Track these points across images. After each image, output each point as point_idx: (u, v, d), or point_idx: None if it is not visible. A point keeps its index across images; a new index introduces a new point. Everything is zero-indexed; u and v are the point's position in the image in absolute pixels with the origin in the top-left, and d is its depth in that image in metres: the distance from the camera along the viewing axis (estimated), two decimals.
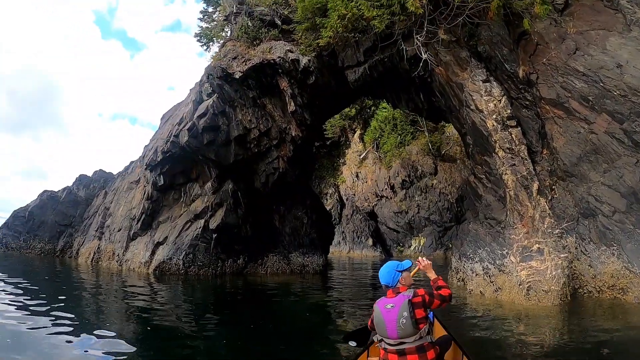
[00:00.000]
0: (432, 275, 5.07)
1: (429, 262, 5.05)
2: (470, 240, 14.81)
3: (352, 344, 5.52)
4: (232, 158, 21.47)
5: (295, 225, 22.41)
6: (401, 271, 4.80)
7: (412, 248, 39.35)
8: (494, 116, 15.58)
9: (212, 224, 19.95)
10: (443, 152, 40.47)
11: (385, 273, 4.81)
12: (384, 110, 43.75)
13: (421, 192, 39.73)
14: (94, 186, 30.09)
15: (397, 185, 41.11)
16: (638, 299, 10.80)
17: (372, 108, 45.40)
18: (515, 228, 13.46)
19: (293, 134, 22.00)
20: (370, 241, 40.76)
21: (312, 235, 22.56)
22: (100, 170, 31.81)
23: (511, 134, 15.08)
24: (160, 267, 19.66)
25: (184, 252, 19.53)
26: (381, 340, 4.56)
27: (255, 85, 22.19)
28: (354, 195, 44.84)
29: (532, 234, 12.85)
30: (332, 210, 45.26)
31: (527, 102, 16.37)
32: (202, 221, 20.22)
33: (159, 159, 21.97)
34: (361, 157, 44.72)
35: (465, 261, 14.51)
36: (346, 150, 47.67)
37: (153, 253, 20.71)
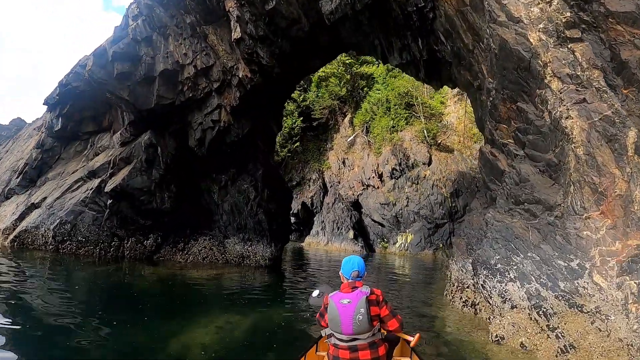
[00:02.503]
0: None
1: None
2: (497, 238, 7.51)
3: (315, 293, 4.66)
4: (155, 101, 14.26)
5: (237, 201, 15.12)
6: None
7: (397, 245, 32.14)
8: (541, 25, 8.39)
9: (109, 186, 12.66)
10: (439, 141, 33.17)
11: (361, 262, 4.26)
12: (377, 92, 36.64)
13: (412, 183, 32.54)
14: (1, 135, 22.75)
15: (385, 174, 33.92)
16: None
17: (365, 89, 38.19)
18: (587, 218, 6.22)
19: (240, 75, 14.73)
20: (350, 233, 33.46)
21: (258, 216, 15.26)
22: (17, 118, 24.62)
23: (574, 52, 7.83)
24: (20, 237, 12.52)
25: (58, 220, 12.30)
26: (331, 335, 4.13)
27: (196, 8, 14.94)
28: (339, 182, 37.53)
29: (627, 230, 5.58)
30: (313, 198, 38.22)
31: (585, 25, 9.15)
32: (97, 181, 13.00)
33: (57, 95, 14.70)
34: (348, 140, 37.41)
35: (486, 275, 7.15)
36: (334, 135, 40.36)
37: (22, 218, 13.49)
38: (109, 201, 12.77)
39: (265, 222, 15.63)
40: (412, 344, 4.40)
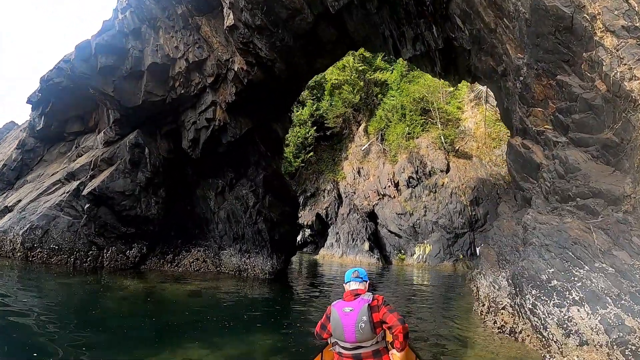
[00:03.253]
0: None
1: None
2: (548, 244, 5.60)
3: None
4: (142, 97, 12.80)
5: (234, 208, 13.43)
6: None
7: (415, 256, 29.95)
8: None
9: (87, 189, 11.13)
10: (457, 148, 31.07)
11: (362, 269, 4.33)
12: (391, 98, 34.88)
13: (429, 192, 30.47)
14: None
15: (402, 183, 31.93)
16: None
17: (379, 96, 36.48)
18: None
19: (236, 69, 13.14)
20: (366, 245, 31.42)
21: (258, 225, 13.52)
22: (10, 122, 23.69)
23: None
24: None
25: (28, 225, 10.79)
26: (335, 344, 4.01)
27: None
28: (354, 193, 35.62)
29: None
30: (328, 209, 36.38)
31: None
32: (75, 183, 11.51)
33: (39, 92, 13.38)
34: (363, 149, 35.59)
35: (536, 296, 5.20)
36: (349, 144, 38.60)
37: None
38: (87, 205, 11.24)
39: (266, 232, 13.84)
40: None
